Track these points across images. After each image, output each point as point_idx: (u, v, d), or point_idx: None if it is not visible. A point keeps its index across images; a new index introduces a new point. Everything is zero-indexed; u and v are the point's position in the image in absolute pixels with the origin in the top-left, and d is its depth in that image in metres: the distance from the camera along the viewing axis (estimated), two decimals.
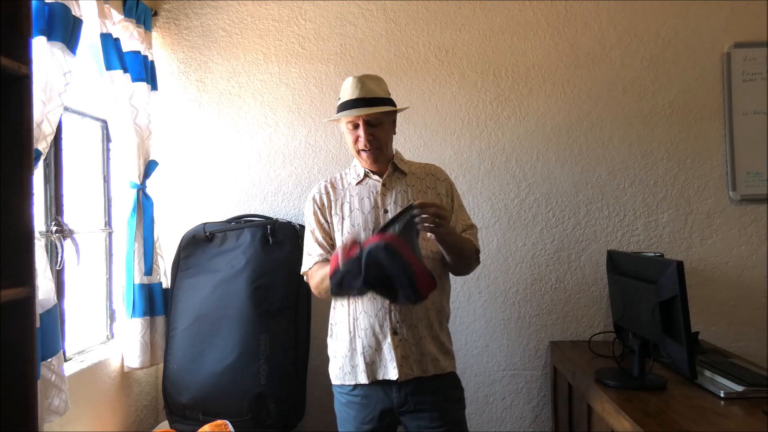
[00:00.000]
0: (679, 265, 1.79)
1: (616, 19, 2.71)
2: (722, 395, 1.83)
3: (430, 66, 2.74)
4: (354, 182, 1.96)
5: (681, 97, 2.71)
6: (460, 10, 2.74)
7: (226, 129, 2.77)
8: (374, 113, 1.84)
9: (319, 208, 1.97)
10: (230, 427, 2.16)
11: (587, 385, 2.11)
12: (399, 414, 1.85)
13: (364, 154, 1.90)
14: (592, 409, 2.10)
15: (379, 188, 1.92)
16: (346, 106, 1.87)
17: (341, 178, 2.01)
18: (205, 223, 2.59)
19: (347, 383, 1.89)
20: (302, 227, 2.60)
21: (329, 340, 1.97)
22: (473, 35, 2.74)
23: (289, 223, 2.56)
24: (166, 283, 2.57)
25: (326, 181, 2.02)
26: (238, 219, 2.63)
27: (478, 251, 1.94)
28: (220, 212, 2.73)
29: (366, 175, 1.95)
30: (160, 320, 2.51)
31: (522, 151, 2.73)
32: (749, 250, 2.69)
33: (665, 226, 2.71)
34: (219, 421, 2.18)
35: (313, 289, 1.96)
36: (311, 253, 1.95)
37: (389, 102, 1.90)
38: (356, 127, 1.87)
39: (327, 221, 1.95)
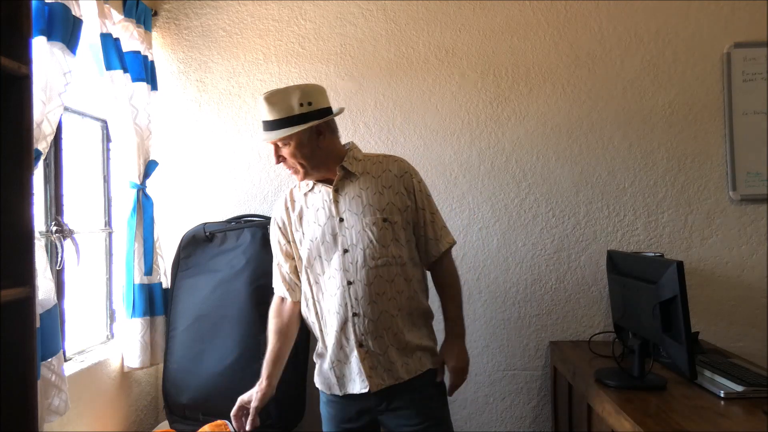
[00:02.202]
0: (679, 265, 1.79)
1: (616, 19, 2.71)
2: (722, 395, 1.83)
3: (430, 66, 2.74)
4: (304, 191, 1.89)
5: (681, 97, 2.71)
6: (460, 10, 2.74)
7: (226, 129, 2.77)
8: (274, 140, 1.78)
9: (281, 231, 1.92)
10: (230, 427, 2.15)
11: (587, 385, 2.11)
12: (377, 413, 1.85)
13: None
14: (592, 409, 2.10)
15: (331, 195, 1.83)
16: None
17: (299, 187, 1.92)
18: (205, 223, 2.59)
19: (325, 391, 1.92)
20: None
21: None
22: (473, 35, 2.74)
23: None
24: (166, 283, 2.57)
25: (287, 194, 1.94)
26: (238, 219, 2.63)
27: (452, 244, 1.92)
28: (220, 212, 2.73)
29: (315, 183, 1.86)
30: (160, 320, 2.51)
31: (522, 151, 2.74)
32: (749, 250, 2.69)
33: (665, 226, 2.71)
34: (219, 421, 2.18)
35: None
36: (275, 286, 1.95)
37: (296, 119, 1.74)
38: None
39: (289, 242, 1.91)
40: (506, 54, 2.73)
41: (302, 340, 2.48)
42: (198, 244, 2.55)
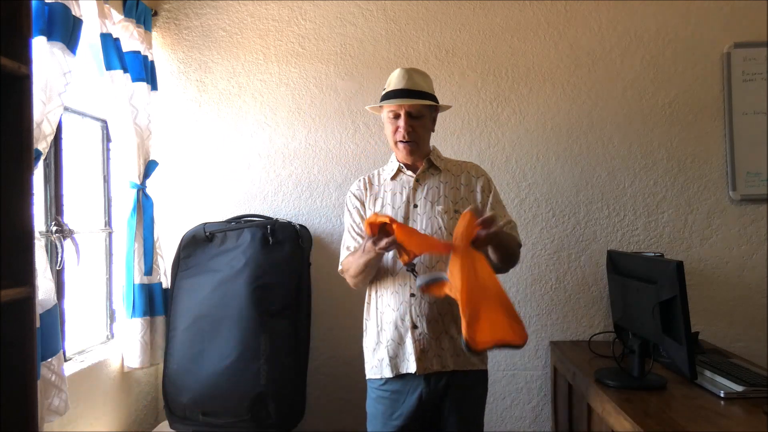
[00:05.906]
0: (679, 265, 1.79)
1: (616, 19, 2.71)
2: (722, 395, 1.83)
3: (430, 66, 2.73)
4: (389, 177, 1.99)
5: (681, 97, 2.71)
6: (460, 10, 2.74)
7: (226, 129, 2.77)
8: (417, 105, 1.87)
9: (359, 201, 2.00)
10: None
11: (587, 385, 2.11)
12: (425, 408, 1.86)
13: (401, 146, 1.92)
14: (592, 409, 2.10)
15: (411, 183, 1.94)
16: (390, 95, 1.90)
17: (378, 174, 2.04)
18: (205, 223, 2.59)
19: (375, 377, 1.92)
20: (302, 227, 2.61)
21: (363, 337, 1.99)
22: (473, 35, 2.74)
23: (289, 223, 2.56)
24: (166, 283, 2.57)
25: (364, 177, 2.05)
26: (238, 219, 2.63)
27: (520, 245, 1.95)
28: (220, 212, 2.73)
29: (400, 170, 1.98)
30: (160, 320, 2.51)
31: (522, 151, 2.73)
32: (749, 250, 2.69)
33: (665, 226, 2.71)
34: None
35: (349, 282, 1.96)
36: (349, 247, 1.98)
37: (433, 98, 1.93)
38: (397, 117, 1.90)
39: (363, 217, 1.98)
40: (506, 54, 2.73)
41: (303, 341, 2.49)
42: (198, 244, 2.55)
